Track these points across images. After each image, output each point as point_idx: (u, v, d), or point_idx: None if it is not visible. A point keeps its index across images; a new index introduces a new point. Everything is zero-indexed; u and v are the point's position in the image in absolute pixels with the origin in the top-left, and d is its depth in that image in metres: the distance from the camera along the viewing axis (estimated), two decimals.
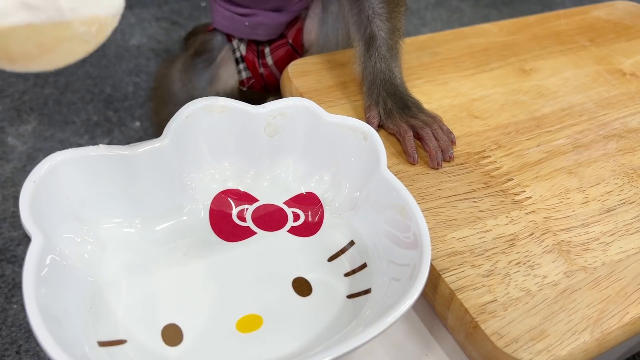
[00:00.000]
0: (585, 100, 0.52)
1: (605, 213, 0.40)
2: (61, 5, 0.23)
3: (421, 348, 0.34)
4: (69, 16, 0.24)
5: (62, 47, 0.25)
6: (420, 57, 0.55)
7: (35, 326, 0.25)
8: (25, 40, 0.24)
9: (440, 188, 0.40)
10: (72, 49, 0.26)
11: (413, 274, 0.30)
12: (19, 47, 0.24)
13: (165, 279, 0.34)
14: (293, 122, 0.39)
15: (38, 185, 0.32)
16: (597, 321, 0.33)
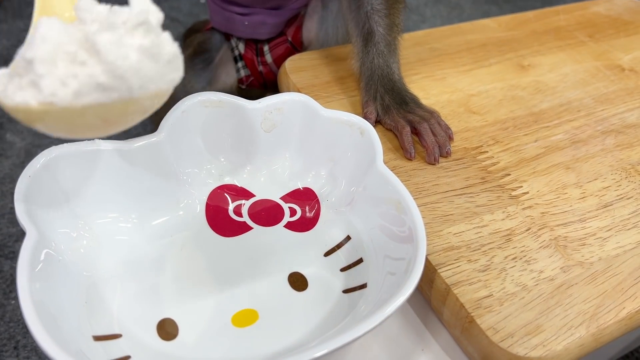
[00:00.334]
0: (583, 95, 0.52)
1: (603, 208, 0.40)
2: (132, 84, 0.23)
3: (417, 343, 0.34)
4: (138, 93, 0.24)
5: (125, 120, 0.26)
6: (419, 53, 0.55)
7: (29, 320, 0.25)
8: (93, 116, 0.24)
9: (437, 183, 0.40)
10: (133, 120, 0.26)
11: (408, 268, 0.30)
12: (85, 122, 0.25)
13: (161, 273, 0.34)
14: (289, 117, 0.39)
15: (33, 179, 0.32)
16: (593, 316, 0.33)
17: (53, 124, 0.24)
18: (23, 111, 0.24)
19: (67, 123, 0.24)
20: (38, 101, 0.23)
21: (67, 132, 0.26)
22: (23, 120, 0.25)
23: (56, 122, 0.24)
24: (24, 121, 0.25)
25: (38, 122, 0.24)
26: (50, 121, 0.24)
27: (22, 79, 0.23)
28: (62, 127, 0.25)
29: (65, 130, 0.25)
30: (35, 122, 0.24)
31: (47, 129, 0.25)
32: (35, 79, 0.23)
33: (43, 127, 0.25)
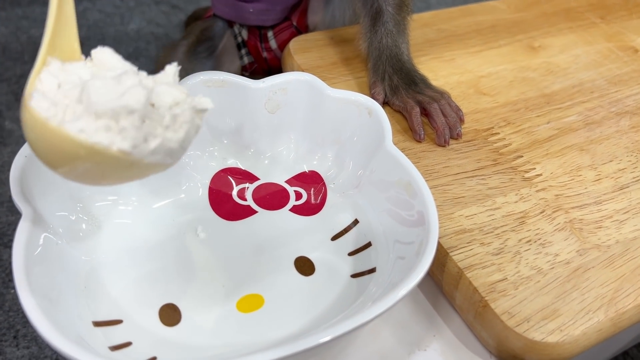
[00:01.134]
0: (596, 77, 0.50)
1: (619, 190, 0.39)
2: (179, 156, 0.26)
3: (428, 328, 0.33)
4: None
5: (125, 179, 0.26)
6: (426, 34, 0.53)
7: (26, 305, 0.24)
8: (123, 171, 0.24)
9: (448, 165, 0.39)
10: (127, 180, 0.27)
11: (420, 250, 0.29)
12: (114, 174, 0.24)
13: (162, 257, 0.33)
14: (294, 98, 0.38)
15: (30, 159, 0.31)
16: (612, 300, 0.32)
17: (88, 170, 0.23)
18: (87, 149, 0.22)
19: (99, 171, 0.24)
20: (118, 148, 0.22)
21: (85, 179, 0.25)
22: (63, 156, 0.23)
23: (95, 168, 0.23)
24: (63, 158, 0.23)
25: (79, 163, 0.23)
26: (92, 167, 0.23)
27: (92, 118, 0.22)
28: (89, 174, 0.24)
29: (86, 177, 0.25)
30: (77, 162, 0.23)
31: (72, 172, 0.24)
32: (113, 125, 0.22)
33: (70, 169, 0.24)
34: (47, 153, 0.24)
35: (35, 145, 0.24)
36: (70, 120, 0.22)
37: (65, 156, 0.23)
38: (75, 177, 0.25)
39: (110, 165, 0.23)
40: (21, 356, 0.55)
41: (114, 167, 0.23)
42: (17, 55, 0.96)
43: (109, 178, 0.25)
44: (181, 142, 0.24)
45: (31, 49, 0.97)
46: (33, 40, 1.00)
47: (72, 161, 0.23)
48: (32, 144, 0.24)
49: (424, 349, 0.32)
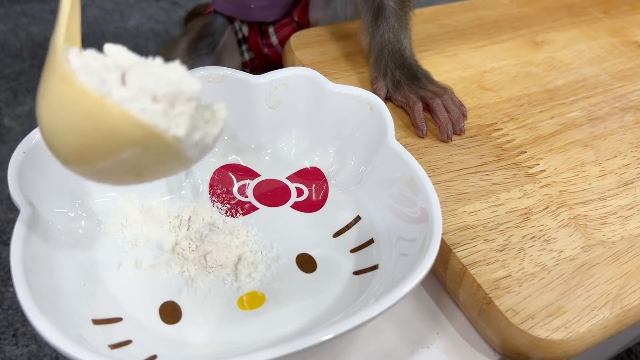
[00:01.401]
0: (599, 72, 0.50)
1: (623, 186, 0.38)
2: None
3: (431, 326, 0.33)
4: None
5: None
6: (428, 29, 0.53)
7: (24, 303, 0.24)
8: (156, 164, 0.23)
9: (451, 161, 0.39)
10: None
11: (423, 247, 0.29)
12: (145, 169, 0.23)
13: (163, 254, 0.33)
14: (296, 93, 0.38)
15: (28, 156, 0.31)
16: (617, 297, 0.31)
17: (126, 162, 0.21)
18: (146, 131, 0.20)
19: (137, 164, 0.22)
20: (174, 133, 0.21)
21: (112, 174, 0.23)
22: (113, 140, 0.20)
23: (135, 159, 0.21)
24: (110, 144, 0.20)
25: (126, 150, 0.21)
26: (133, 158, 0.21)
27: (149, 101, 0.21)
28: (122, 167, 0.22)
29: (115, 172, 0.22)
30: (125, 149, 0.21)
31: (106, 163, 0.21)
32: (169, 111, 0.21)
33: (108, 159, 0.21)
34: (89, 139, 0.20)
35: (73, 129, 0.20)
36: (128, 99, 0.20)
37: (114, 141, 0.20)
38: (102, 172, 0.22)
39: (154, 156, 0.21)
40: (20, 354, 0.55)
41: (156, 158, 0.22)
42: (15, 53, 0.95)
43: (141, 173, 0.23)
44: (215, 138, 0.23)
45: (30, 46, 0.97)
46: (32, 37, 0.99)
47: (119, 148, 0.20)
48: (65, 129, 0.20)
49: (427, 347, 0.32)
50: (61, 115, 0.20)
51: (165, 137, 0.21)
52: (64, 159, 0.22)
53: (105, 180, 0.23)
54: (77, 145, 0.21)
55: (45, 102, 0.21)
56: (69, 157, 0.22)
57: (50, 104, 0.21)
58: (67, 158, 0.22)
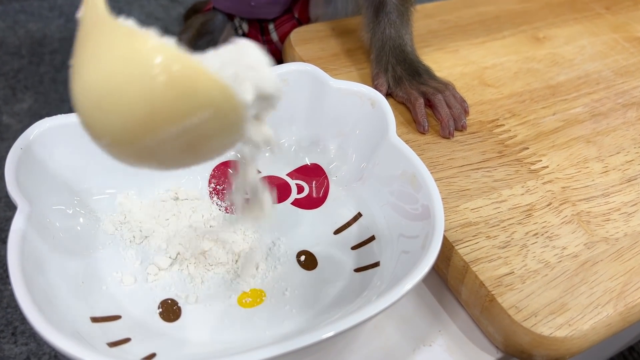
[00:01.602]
0: (602, 68, 0.50)
1: (627, 182, 0.38)
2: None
3: (433, 324, 0.32)
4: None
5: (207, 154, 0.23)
6: (429, 25, 0.52)
7: (21, 301, 0.24)
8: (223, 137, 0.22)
9: (452, 157, 0.38)
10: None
11: (425, 244, 0.28)
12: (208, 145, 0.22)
13: (162, 252, 0.32)
14: (296, 89, 0.37)
15: (25, 152, 0.30)
16: (621, 294, 0.31)
17: (189, 132, 0.20)
18: (222, 91, 0.19)
19: (198, 135, 0.20)
20: (244, 98, 0.20)
21: (162, 156, 0.21)
22: (186, 102, 0.19)
23: (198, 129, 0.20)
24: (182, 106, 0.19)
25: (196, 115, 0.19)
26: (198, 126, 0.20)
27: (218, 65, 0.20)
28: (178, 143, 0.20)
29: (167, 152, 0.21)
30: (196, 112, 0.19)
31: (159, 146, 0.20)
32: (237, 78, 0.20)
33: (175, 127, 0.19)
34: (158, 102, 0.18)
35: (138, 93, 0.18)
36: (199, 59, 0.19)
37: (189, 102, 0.19)
38: (156, 149, 0.20)
39: (220, 122, 0.20)
40: (19, 353, 0.55)
41: (219, 126, 0.20)
42: (14, 50, 0.95)
43: (197, 149, 0.21)
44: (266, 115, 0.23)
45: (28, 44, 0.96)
46: (30, 34, 0.99)
47: (193, 110, 0.19)
48: (126, 95, 0.18)
49: (429, 345, 0.31)
50: (123, 79, 0.18)
51: (237, 99, 0.20)
52: (116, 135, 0.19)
53: (154, 161, 0.21)
54: (139, 113, 0.19)
55: (97, 68, 0.19)
56: (124, 131, 0.19)
57: (108, 68, 0.19)
58: (122, 133, 0.19)
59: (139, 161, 0.21)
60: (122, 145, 0.20)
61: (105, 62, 0.19)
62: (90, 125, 0.20)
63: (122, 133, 0.19)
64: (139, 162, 0.21)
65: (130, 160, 0.21)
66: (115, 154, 0.21)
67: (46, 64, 0.92)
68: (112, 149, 0.20)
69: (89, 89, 0.19)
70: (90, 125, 0.20)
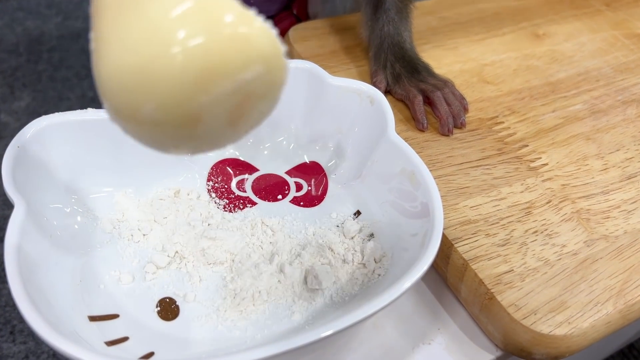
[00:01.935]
0: (602, 65, 0.49)
1: (626, 180, 0.38)
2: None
3: (432, 322, 0.32)
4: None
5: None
6: (428, 22, 0.52)
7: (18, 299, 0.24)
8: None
9: (452, 155, 0.38)
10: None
11: (424, 242, 0.28)
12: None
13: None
14: (294, 86, 0.37)
15: (22, 150, 0.30)
16: (621, 292, 0.31)
17: (237, 92, 0.18)
18: (273, 45, 0.18)
19: (239, 102, 0.19)
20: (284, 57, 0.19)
21: (204, 130, 0.19)
22: (238, 58, 0.18)
23: (248, 88, 0.18)
24: (234, 62, 0.18)
25: (248, 68, 0.18)
26: (250, 81, 0.18)
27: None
28: (225, 108, 0.19)
29: (209, 124, 0.19)
30: (247, 67, 0.18)
31: (213, 97, 0.18)
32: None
33: (220, 89, 0.18)
34: (217, 52, 0.17)
35: (194, 50, 0.17)
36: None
37: (243, 56, 0.18)
38: (210, 110, 0.18)
39: (269, 78, 0.19)
40: (18, 352, 0.55)
41: (267, 84, 0.19)
42: (12, 47, 0.94)
43: (240, 119, 0.20)
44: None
45: (26, 41, 0.96)
46: (28, 32, 0.98)
47: (246, 65, 0.18)
48: (169, 56, 0.17)
49: (429, 343, 0.31)
50: (182, 36, 0.17)
51: (284, 57, 0.19)
52: (167, 95, 0.18)
53: (197, 132, 0.19)
54: (196, 65, 0.17)
55: (135, 28, 0.17)
56: (178, 87, 0.18)
57: (147, 28, 0.17)
58: (175, 91, 0.18)
59: (183, 132, 0.19)
60: (171, 108, 0.18)
61: (143, 25, 0.17)
62: (135, 87, 0.18)
63: (175, 91, 0.18)
64: (183, 132, 0.19)
65: (172, 131, 0.19)
66: (160, 120, 0.18)
67: (44, 61, 0.91)
68: (158, 113, 0.18)
69: (137, 44, 0.17)
70: (136, 87, 0.18)
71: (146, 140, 0.20)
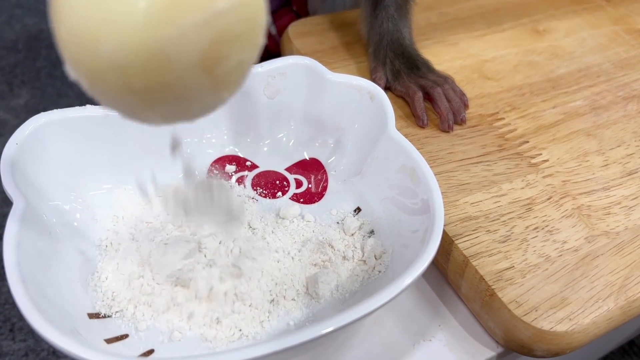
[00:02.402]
0: (602, 60, 0.49)
1: (627, 176, 0.38)
2: None
3: (433, 318, 0.32)
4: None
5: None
6: (428, 18, 0.52)
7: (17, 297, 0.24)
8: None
9: (452, 151, 0.38)
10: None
11: (424, 238, 0.28)
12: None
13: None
14: (294, 83, 0.37)
15: (21, 147, 0.30)
16: (622, 288, 0.31)
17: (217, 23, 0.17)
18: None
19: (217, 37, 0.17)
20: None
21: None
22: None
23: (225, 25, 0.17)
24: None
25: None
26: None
27: None
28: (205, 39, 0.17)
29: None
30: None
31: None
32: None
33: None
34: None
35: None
36: None
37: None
38: (181, 44, 0.17)
39: (240, 22, 0.17)
40: (17, 349, 0.54)
41: (241, 27, 0.18)
42: (11, 44, 0.94)
43: (216, 68, 0.18)
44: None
45: (25, 38, 0.96)
46: (27, 28, 0.98)
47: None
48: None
49: (429, 340, 0.31)
50: None
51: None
52: (115, 39, 0.16)
53: (165, 94, 0.17)
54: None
55: None
56: (124, 30, 0.16)
57: None
58: (121, 33, 0.16)
59: (151, 80, 0.17)
60: (132, 45, 0.16)
61: None
62: (91, 24, 0.16)
63: (135, 22, 0.16)
64: (150, 81, 0.17)
65: (138, 80, 0.17)
66: (121, 62, 0.16)
67: (43, 58, 0.91)
68: (118, 53, 0.16)
69: None
70: (91, 23, 0.16)
71: (112, 97, 0.18)
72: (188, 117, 0.20)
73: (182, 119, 0.20)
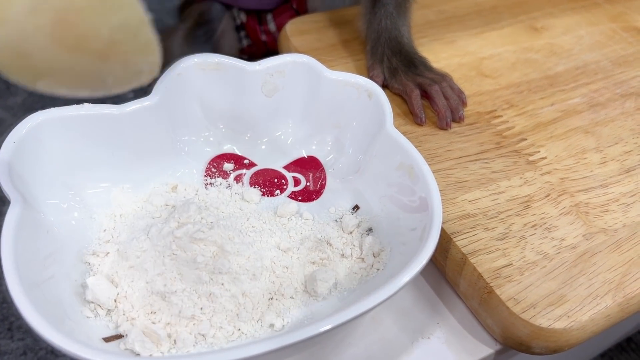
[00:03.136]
0: (600, 58, 0.49)
1: (625, 173, 0.38)
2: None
3: (431, 316, 0.32)
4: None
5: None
6: (426, 15, 0.52)
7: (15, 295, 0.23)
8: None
9: (450, 149, 0.38)
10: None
11: (422, 236, 0.28)
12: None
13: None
14: (292, 80, 0.37)
15: (18, 146, 0.30)
16: (620, 285, 0.31)
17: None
18: None
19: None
20: None
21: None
22: None
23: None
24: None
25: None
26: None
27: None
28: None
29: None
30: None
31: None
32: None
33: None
34: None
35: None
36: None
37: None
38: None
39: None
40: (16, 348, 0.54)
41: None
42: None
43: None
44: None
45: None
46: None
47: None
48: None
49: (428, 337, 0.31)
50: None
51: None
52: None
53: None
54: None
55: None
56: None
57: None
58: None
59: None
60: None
61: None
62: None
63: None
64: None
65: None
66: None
67: None
68: None
69: None
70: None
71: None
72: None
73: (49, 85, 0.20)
